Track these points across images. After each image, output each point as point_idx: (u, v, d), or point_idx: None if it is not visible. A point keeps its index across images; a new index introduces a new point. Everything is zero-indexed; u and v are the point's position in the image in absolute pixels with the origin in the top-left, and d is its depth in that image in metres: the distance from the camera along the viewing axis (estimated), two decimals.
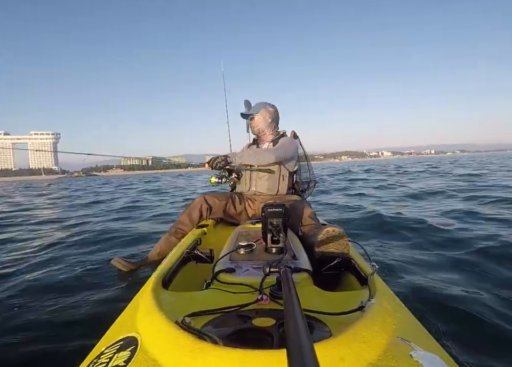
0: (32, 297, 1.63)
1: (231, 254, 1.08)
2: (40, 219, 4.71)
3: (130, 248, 2.61)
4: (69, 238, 3.09)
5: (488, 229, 2.71)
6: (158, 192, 9.77)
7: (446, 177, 8.85)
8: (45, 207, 6.59)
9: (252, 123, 2.04)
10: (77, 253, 2.50)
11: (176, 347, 0.50)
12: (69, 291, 1.69)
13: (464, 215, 3.41)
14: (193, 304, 0.75)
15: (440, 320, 1.29)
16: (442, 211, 3.69)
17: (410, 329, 0.65)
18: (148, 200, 7.17)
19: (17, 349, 1.18)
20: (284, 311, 0.40)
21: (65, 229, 3.75)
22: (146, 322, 0.62)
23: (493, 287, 1.61)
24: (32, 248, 2.75)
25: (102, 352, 0.59)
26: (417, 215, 3.50)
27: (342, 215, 3.88)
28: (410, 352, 0.51)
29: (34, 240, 3.13)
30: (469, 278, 1.74)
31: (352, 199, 5.46)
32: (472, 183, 6.74)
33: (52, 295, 1.65)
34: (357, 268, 1.04)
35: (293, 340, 0.30)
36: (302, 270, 0.93)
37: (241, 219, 1.93)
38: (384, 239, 2.62)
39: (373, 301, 0.67)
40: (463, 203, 4.23)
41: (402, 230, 2.87)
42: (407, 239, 2.60)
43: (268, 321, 0.62)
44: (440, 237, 2.56)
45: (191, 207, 1.89)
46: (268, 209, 1.10)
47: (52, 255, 2.46)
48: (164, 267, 1.02)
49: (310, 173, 2.14)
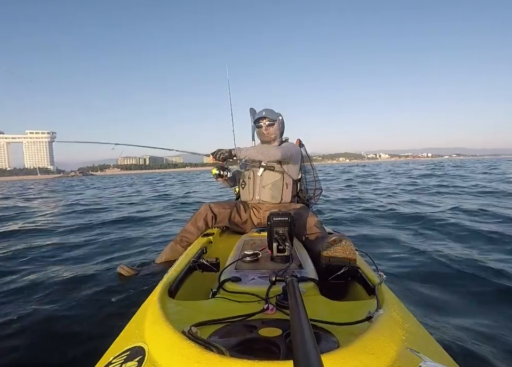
0: (38, 305, 1.63)
1: (236, 263, 1.08)
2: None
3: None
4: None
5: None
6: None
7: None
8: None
9: (270, 129, 1.97)
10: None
11: (183, 358, 0.50)
12: (76, 299, 1.69)
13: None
14: (199, 314, 0.75)
15: (451, 331, 1.27)
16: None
17: (420, 340, 0.64)
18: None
19: (21, 359, 1.18)
20: (290, 321, 0.40)
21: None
22: (153, 332, 0.62)
23: (502, 299, 1.58)
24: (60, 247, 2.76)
25: (110, 362, 0.59)
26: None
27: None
28: (420, 364, 0.51)
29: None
30: (482, 287, 1.70)
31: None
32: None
33: (58, 303, 1.65)
34: (364, 277, 1.03)
35: (300, 350, 0.30)
36: (308, 279, 0.92)
37: (247, 228, 1.92)
38: (391, 248, 2.58)
39: (381, 311, 0.66)
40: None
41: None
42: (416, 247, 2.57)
43: (274, 332, 0.62)
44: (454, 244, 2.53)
45: (196, 216, 1.90)
46: (273, 218, 1.10)
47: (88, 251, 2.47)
48: (170, 276, 1.02)
49: (315, 182, 2.13)
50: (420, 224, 3.44)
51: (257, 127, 2.01)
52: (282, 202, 1.93)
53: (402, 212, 4.16)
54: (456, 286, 1.74)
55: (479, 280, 1.79)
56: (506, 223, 3.28)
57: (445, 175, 11.43)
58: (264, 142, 2.02)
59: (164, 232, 3.65)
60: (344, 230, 3.28)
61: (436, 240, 2.78)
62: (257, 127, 2.01)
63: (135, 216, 5.01)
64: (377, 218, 3.94)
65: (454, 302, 1.55)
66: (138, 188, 14.06)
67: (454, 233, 2.98)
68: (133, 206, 6.65)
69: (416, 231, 3.16)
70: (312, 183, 2.14)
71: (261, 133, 2.01)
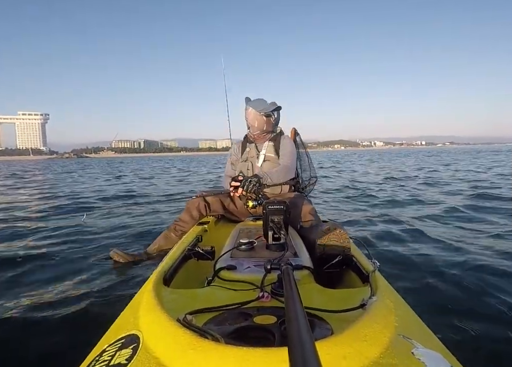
0: (30, 293, 1.61)
1: (232, 251, 1.08)
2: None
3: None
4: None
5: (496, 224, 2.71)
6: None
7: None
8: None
9: (266, 121, 1.92)
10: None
11: (178, 345, 0.50)
12: (68, 286, 1.68)
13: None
14: (194, 302, 0.75)
15: (442, 318, 1.29)
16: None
17: (412, 326, 0.65)
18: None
19: (17, 348, 1.18)
20: (285, 309, 0.40)
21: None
22: (148, 320, 0.62)
23: (498, 284, 1.61)
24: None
25: (104, 350, 0.59)
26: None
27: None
28: (412, 350, 0.51)
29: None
30: (474, 275, 1.73)
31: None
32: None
33: (50, 290, 1.63)
34: (358, 265, 1.04)
35: (294, 337, 0.30)
36: (303, 267, 0.93)
37: (242, 216, 1.93)
38: (385, 235, 2.62)
39: (374, 298, 0.67)
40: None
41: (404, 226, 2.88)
42: (409, 236, 2.60)
43: (269, 319, 0.62)
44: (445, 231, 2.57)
45: (189, 205, 1.92)
46: (268, 207, 1.10)
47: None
48: (165, 264, 1.02)
49: (310, 170, 2.13)
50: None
51: (246, 119, 2.00)
52: (282, 193, 1.94)
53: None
54: (448, 274, 1.77)
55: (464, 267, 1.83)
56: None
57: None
58: (254, 131, 2.00)
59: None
60: (337, 218, 3.32)
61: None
62: (246, 119, 2.01)
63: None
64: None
65: (448, 290, 1.58)
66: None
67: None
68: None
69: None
70: (307, 172, 2.15)
71: (250, 125, 1.99)
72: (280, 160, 1.94)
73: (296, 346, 0.28)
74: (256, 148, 2.01)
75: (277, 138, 2.00)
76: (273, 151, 1.97)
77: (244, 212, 1.94)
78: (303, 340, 0.29)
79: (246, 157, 2.01)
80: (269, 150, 1.97)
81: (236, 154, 2.12)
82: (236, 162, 2.10)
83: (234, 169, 2.09)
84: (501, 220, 3.08)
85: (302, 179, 2.15)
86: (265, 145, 1.99)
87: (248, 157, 2.00)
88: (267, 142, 2.00)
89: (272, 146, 1.98)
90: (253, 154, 1.99)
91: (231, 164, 2.14)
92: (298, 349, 0.28)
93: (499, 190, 5.09)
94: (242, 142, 2.12)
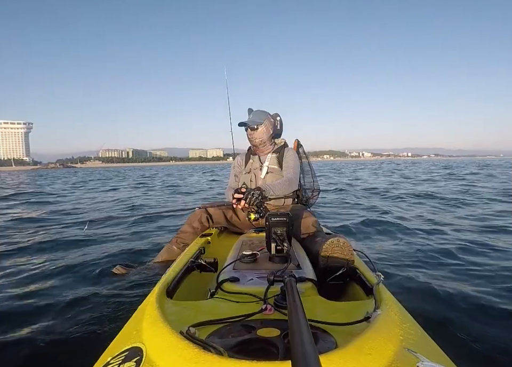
0: (35, 306, 1.61)
1: (235, 263, 1.08)
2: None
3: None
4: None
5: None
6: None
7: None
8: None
9: (254, 134, 1.94)
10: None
11: (181, 358, 0.49)
12: (72, 299, 1.67)
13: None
14: (197, 314, 0.75)
15: (449, 331, 1.27)
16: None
17: (417, 340, 0.64)
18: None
19: (20, 360, 1.17)
20: (288, 322, 0.40)
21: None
22: (151, 332, 0.62)
23: (504, 298, 1.58)
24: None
25: (107, 362, 0.58)
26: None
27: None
28: (417, 364, 0.51)
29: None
30: (481, 287, 1.70)
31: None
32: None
33: (55, 304, 1.63)
34: (362, 277, 1.03)
35: (298, 351, 0.30)
36: (307, 279, 0.92)
37: (245, 228, 1.92)
38: (389, 246, 2.59)
39: (379, 311, 0.66)
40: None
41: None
42: (414, 245, 2.58)
43: (273, 332, 0.62)
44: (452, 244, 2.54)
45: (191, 217, 1.93)
46: (271, 219, 1.10)
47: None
48: (168, 276, 1.02)
49: (313, 182, 2.14)
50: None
51: (245, 130, 2.02)
52: (285, 205, 1.94)
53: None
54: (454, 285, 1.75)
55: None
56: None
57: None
58: (254, 144, 2.01)
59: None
60: (342, 231, 3.29)
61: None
62: (246, 131, 2.02)
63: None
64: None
65: (455, 303, 1.56)
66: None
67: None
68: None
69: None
70: (310, 183, 2.15)
71: (248, 138, 2.01)
72: (284, 172, 1.95)
73: (299, 359, 0.28)
74: (260, 160, 2.02)
75: (280, 151, 2.02)
76: (276, 163, 1.98)
77: (247, 223, 1.94)
78: (307, 353, 0.29)
79: (249, 169, 2.03)
80: (272, 162, 1.98)
81: (240, 166, 2.13)
82: (240, 174, 2.11)
83: (238, 181, 2.11)
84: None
85: (305, 191, 2.15)
86: (268, 157, 2.00)
87: (252, 169, 2.01)
88: (270, 154, 2.01)
89: (276, 158, 1.99)
90: (256, 166, 2.00)
91: (234, 176, 2.16)
92: (302, 363, 0.28)
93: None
94: (246, 154, 2.14)
